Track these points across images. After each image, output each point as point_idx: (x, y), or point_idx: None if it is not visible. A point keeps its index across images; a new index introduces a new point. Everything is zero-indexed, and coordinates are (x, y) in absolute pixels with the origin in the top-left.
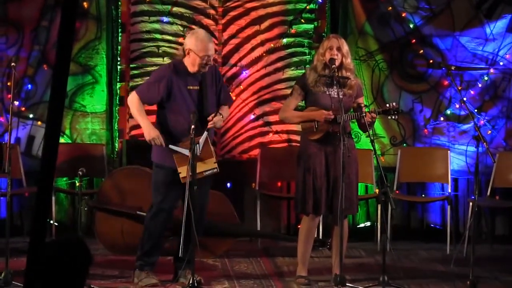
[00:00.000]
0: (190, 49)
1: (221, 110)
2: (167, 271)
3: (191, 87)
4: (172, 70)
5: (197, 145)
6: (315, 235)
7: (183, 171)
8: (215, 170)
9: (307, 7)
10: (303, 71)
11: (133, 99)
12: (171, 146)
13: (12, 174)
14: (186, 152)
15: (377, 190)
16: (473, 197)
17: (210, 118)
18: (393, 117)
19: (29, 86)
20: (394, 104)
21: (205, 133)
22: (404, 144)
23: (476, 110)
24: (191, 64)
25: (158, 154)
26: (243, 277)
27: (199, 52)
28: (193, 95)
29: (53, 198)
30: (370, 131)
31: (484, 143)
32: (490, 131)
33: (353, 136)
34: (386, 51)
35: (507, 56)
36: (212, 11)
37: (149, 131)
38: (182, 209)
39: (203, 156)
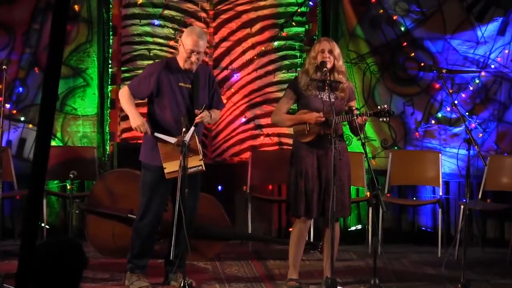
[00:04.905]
0: (181, 42)
1: (212, 112)
2: (158, 274)
3: (183, 84)
4: (164, 66)
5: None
6: (307, 238)
7: (168, 166)
8: (200, 167)
9: (298, 10)
10: (294, 74)
11: (123, 92)
12: (156, 134)
13: (3, 177)
14: (171, 140)
15: (368, 193)
16: (464, 200)
17: (197, 112)
18: (385, 119)
19: (21, 89)
20: (385, 106)
21: (192, 128)
22: (395, 147)
23: (467, 113)
24: (181, 58)
25: (145, 154)
26: (234, 280)
27: (186, 46)
28: (184, 92)
29: (44, 201)
30: (362, 134)
31: (476, 146)
32: (481, 134)
33: (344, 139)
34: (377, 54)
35: (498, 59)
36: (203, 14)
37: (134, 118)
38: (172, 211)
39: (189, 153)
